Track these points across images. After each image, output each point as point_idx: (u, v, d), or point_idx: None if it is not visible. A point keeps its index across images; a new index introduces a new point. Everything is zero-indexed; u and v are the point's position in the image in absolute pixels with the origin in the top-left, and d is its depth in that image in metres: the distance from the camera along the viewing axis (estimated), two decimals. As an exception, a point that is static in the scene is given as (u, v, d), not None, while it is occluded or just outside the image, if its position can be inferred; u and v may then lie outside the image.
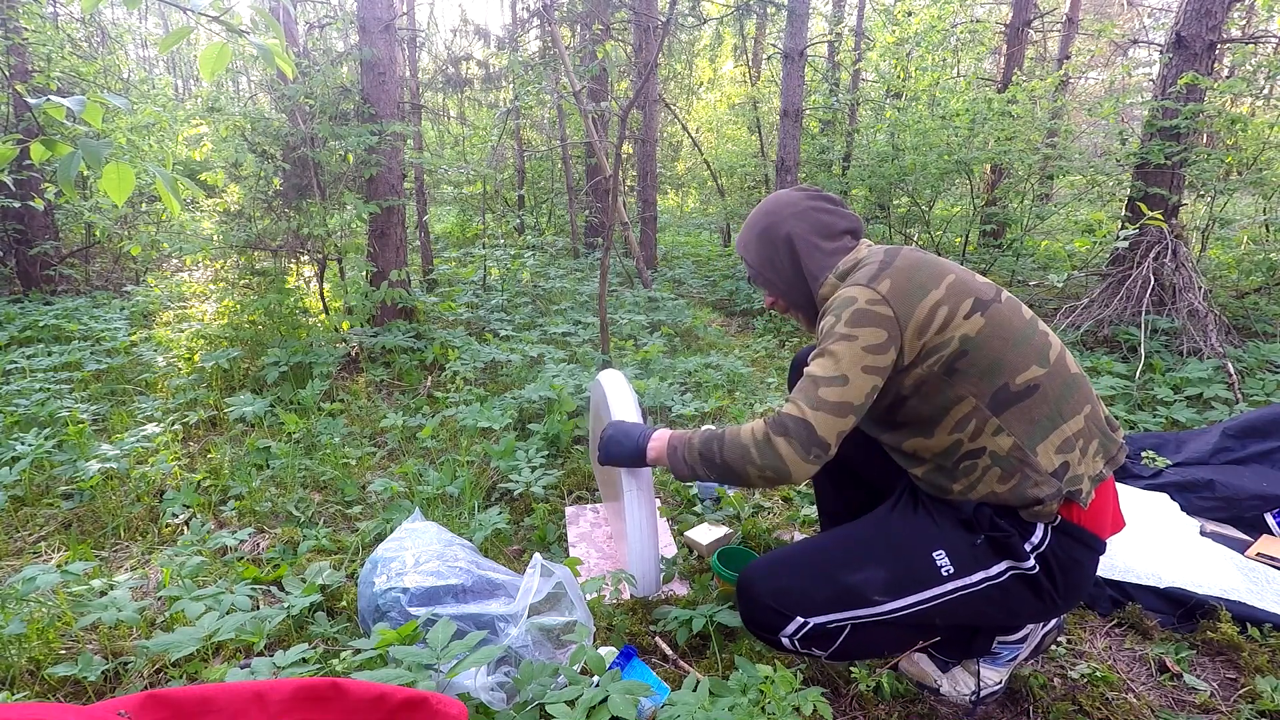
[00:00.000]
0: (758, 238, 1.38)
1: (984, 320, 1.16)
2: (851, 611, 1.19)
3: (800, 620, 1.20)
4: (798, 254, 1.33)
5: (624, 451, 1.45)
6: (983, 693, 1.36)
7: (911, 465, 1.26)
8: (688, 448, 1.30)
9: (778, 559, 1.28)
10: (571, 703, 1.13)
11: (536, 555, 1.46)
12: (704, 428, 1.37)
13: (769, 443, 1.17)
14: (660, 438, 1.40)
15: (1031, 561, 1.15)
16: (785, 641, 1.23)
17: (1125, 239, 3.75)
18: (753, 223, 1.40)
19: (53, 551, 1.97)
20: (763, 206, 1.39)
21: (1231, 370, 3.15)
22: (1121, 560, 1.77)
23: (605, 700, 1.12)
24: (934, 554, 1.17)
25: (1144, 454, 2.24)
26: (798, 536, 2.01)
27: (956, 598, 1.17)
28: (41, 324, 3.91)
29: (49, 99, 1.18)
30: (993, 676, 1.37)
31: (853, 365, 1.15)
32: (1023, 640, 1.36)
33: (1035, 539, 1.15)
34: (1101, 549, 1.19)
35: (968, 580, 1.17)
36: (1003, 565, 1.16)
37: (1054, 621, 1.41)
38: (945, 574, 1.16)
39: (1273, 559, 1.76)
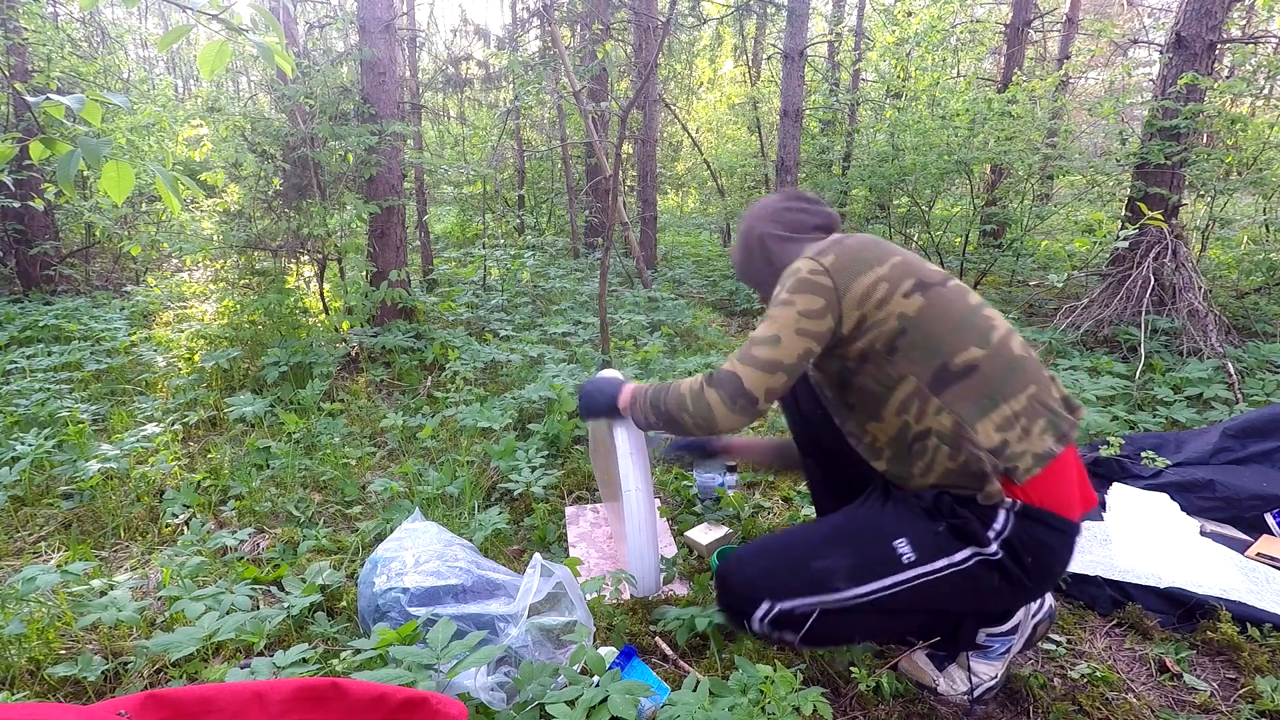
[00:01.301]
0: (739, 241, 1.53)
1: (924, 300, 1.23)
2: (816, 597, 1.23)
3: (768, 604, 1.24)
4: (770, 251, 1.44)
5: (600, 404, 1.57)
6: (978, 689, 1.36)
7: (875, 459, 1.31)
8: (643, 397, 1.44)
9: (753, 548, 1.35)
10: (571, 703, 1.13)
11: (536, 555, 1.46)
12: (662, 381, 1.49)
13: (702, 393, 1.30)
14: (628, 390, 1.53)
15: (994, 547, 1.17)
16: (756, 625, 1.26)
17: (1125, 239, 3.75)
18: (738, 230, 1.54)
19: (53, 551, 1.97)
20: (746, 215, 1.53)
21: (1231, 370, 3.15)
22: (1121, 560, 1.77)
23: (605, 700, 1.12)
24: (895, 542, 1.21)
25: (1144, 454, 2.24)
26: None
27: (921, 584, 1.19)
28: (41, 324, 3.91)
29: (48, 97, 1.18)
30: (986, 671, 1.36)
31: (786, 327, 1.24)
32: (1013, 631, 1.35)
33: (997, 525, 1.17)
34: (1070, 529, 1.20)
35: (931, 567, 1.19)
36: (967, 551, 1.18)
37: (1044, 611, 1.40)
38: (906, 561, 1.20)
39: (1273, 559, 1.76)
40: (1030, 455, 1.16)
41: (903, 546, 1.20)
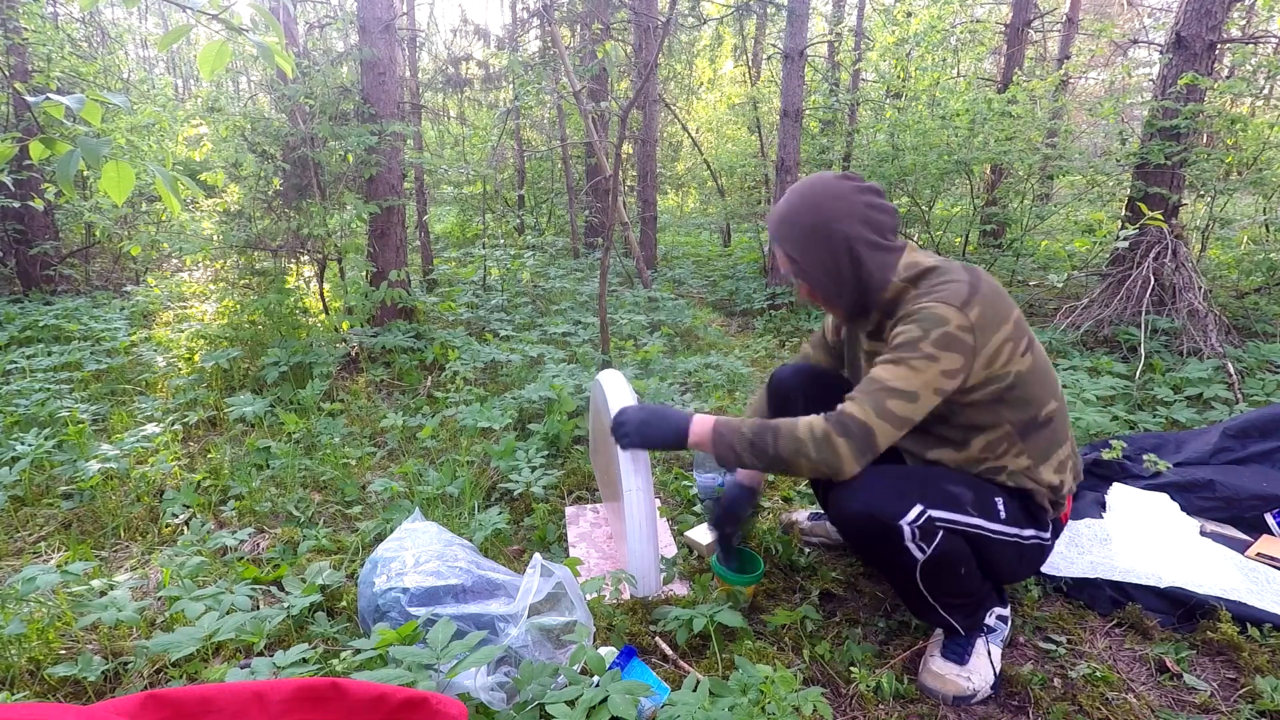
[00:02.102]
0: (808, 236, 1.33)
1: (1032, 358, 1.30)
2: (954, 514, 1.28)
3: (921, 508, 1.25)
4: (859, 260, 1.32)
5: (662, 434, 1.44)
6: (995, 675, 1.41)
7: (938, 448, 1.40)
8: (737, 435, 1.33)
9: (878, 472, 1.29)
10: (571, 703, 1.13)
11: (536, 555, 1.46)
12: (749, 418, 1.42)
13: (828, 440, 1.23)
14: (704, 422, 1.39)
15: (1049, 534, 1.38)
16: (906, 529, 1.24)
17: (1125, 239, 3.75)
18: (797, 216, 1.34)
19: (53, 551, 1.97)
20: (809, 198, 1.33)
21: (1231, 370, 3.15)
22: (1121, 560, 1.77)
23: (605, 700, 1.12)
24: (994, 498, 1.33)
25: (1146, 457, 2.23)
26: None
27: (1004, 540, 1.33)
28: (41, 324, 3.91)
29: (48, 97, 1.18)
30: (996, 655, 1.43)
31: (926, 386, 1.22)
32: (1008, 618, 1.50)
33: (1050, 520, 1.40)
34: (1060, 534, 1.46)
35: (1009, 530, 1.33)
36: (1031, 531, 1.36)
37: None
38: (1001, 516, 1.32)
39: (1273, 559, 1.76)
40: (1068, 492, 1.39)
41: (999, 503, 1.33)
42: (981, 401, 1.29)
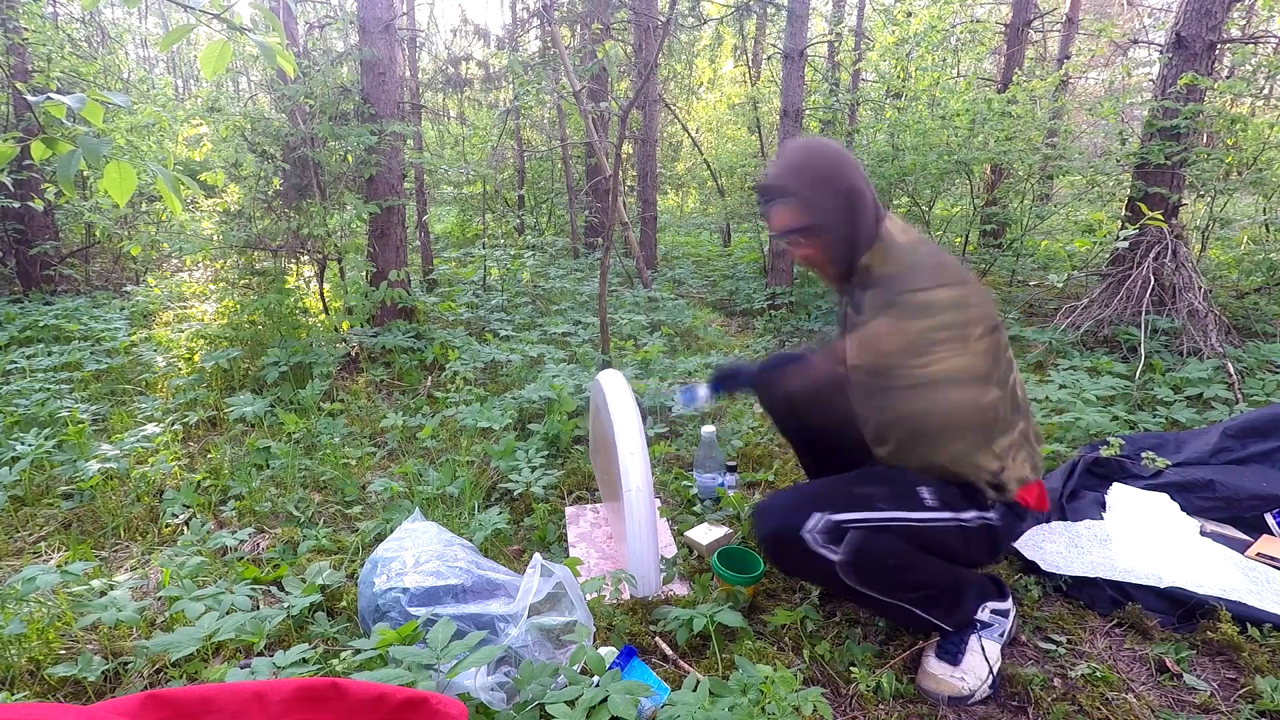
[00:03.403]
0: (819, 184, 1.38)
1: (986, 344, 1.33)
2: (861, 513, 1.31)
3: (819, 515, 1.30)
4: (856, 211, 1.39)
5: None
6: (993, 671, 1.40)
7: (878, 446, 1.44)
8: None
9: (790, 489, 1.43)
10: (571, 703, 1.13)
11: (536, 555, 1.46)
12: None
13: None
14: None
15: (995, 514, 1.38)
16: (807, 537, 1.29)
17: (1125, 239, 3.75)
18: (808, 166, 1.40)
19: (53, 551, 1.97)
20: (817, 152, 1.41)
21: (1231, 370, 3.15)
22: (1121, 560, 1.77)
23: (605, 700, 1.12)
24: (919, 488, 1.36)
25: (1144, 455, 2.23)
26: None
27: (937, 526, 1.35)
28: (41, 324, 3.91)
29: (49, 97, 1.18)
30: (993, 651, 1.42)
31: (983, 351, 1.33)
32: (1008, 612, 1.48)
33: (991, 499, 1.39)
34: (1025, 517, 1.46)
35: (944, 515, 1.35)
36: (973, 513, 1.37)
37: (1015, 606, 1.54)
38: (928, 504, 1.34)
39: (1273, 559, 1.76)
40: (1013, 479, 1.37)
41: (925, 492, 1.35)
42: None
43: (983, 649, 1.41)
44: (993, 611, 1.46)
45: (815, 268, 1.48)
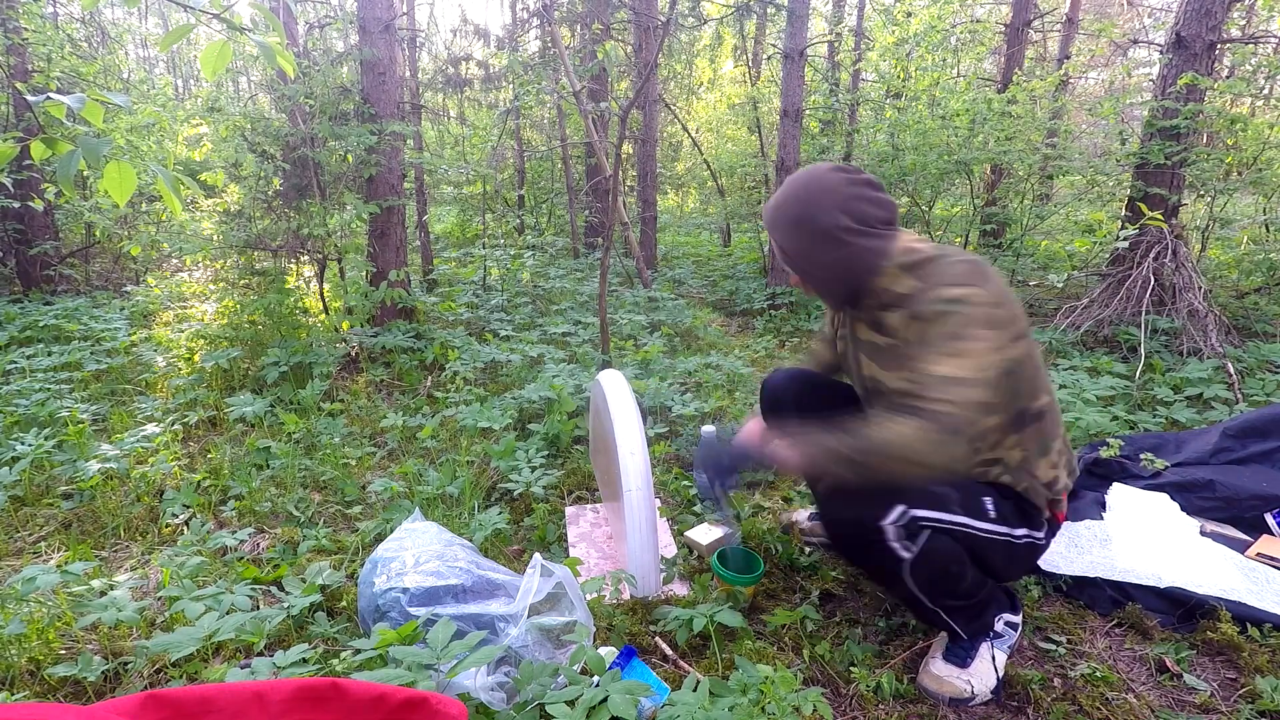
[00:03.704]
0: (793, 225, 1.32)
1: (1026, 347, 1.28)
2: (937, 513, 1.29)
3: (903, 508, 1.26)
4: (843, 246, 1.30)
5: (750, 464, 1.46)
6: (1000, 678, 1.40)
7: None
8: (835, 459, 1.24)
9: None
10: (571, 703, 1.13)
11: (536, 555, 1.46)
12: (842, 433, 1.25)
13: (944, 443, 1.17)
14: (786, 449, 1.31)
15: (1043, 534, 1.39)
16: (888, 529, 1.26)
17: (1125, 239, 3.75)
18: (785, 206, 1.34)
19: (53, 551, 1.97)
20: (797, 188, 1.32)
21: (1231, 370, 3.15)
22: (1121, 560, 1.77)
23: (605, 700, 1.12)
24: (983, 497, 1.34)
25: (1143, 456, 2.23)
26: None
27: (994, 538, 1.34)
28: (41, 324, 3.91)
29: (49, 96, 1.18)
30: (1001, 661, 1.42)
31: (989, 366, 1.20)
32: (1018, 625, 1.47)
33: (1044, 519, 1.40)
34: (1055, 536, 1.46)
35: (1000, 529, 1.35)
36: (1023, 530, 1.37)
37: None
38: (990, 515, 1.33)
39: (1273, 559, 1.76)
40: (1064, 488, 1.39)
41: (988, 503, 1.34)
42: None
43: (993, 658, 1.41)
44: (1006, 623, 1.46)
45: (810, 294, 1.46)
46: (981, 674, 1.38)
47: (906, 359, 1.27)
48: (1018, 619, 1.48)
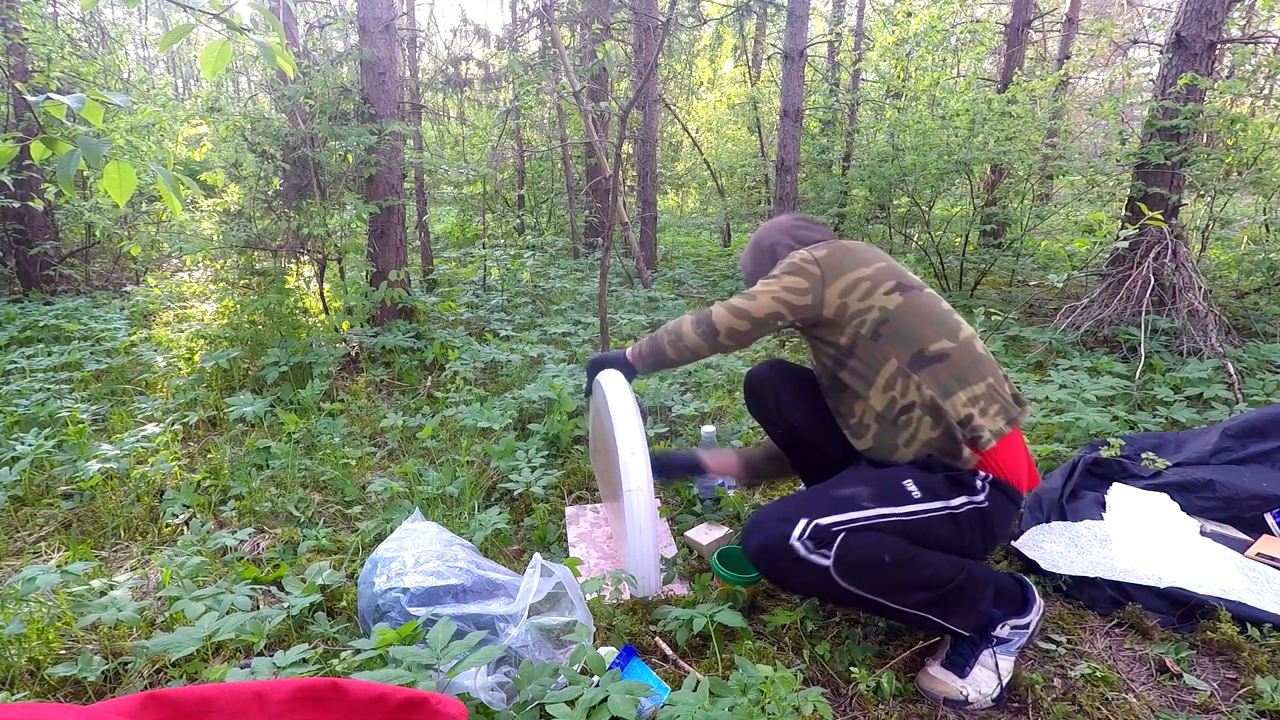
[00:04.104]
0: (750, 251, 1.78)
1: (903, 298, 1.47)
2: (847, 514, 1.33)
3: (805, 521, 1.31)
4: (777, 257, 1.67)
5: (607, 363, 1.82)
6: (1002, 687, 1.37)
7: (860, 438, 1.51)
8: (642, 344, 1.76)
9: (774, 503, 1.44)
10: (571, 703, 1.13)
11: (536, 555, 1.46)
12: (650, 336, 1.74)
13: (680, 322, 1.66)
14: (629, 351, 1.80)
15: (983, 496, 1.39)
16: (796, 546, 1.29)
17: (1125, 239, 3.75)
18: (750, 242, 1.80)
19: (53, 551, 1.97)
20: (758, 231, 1.79)
21: (1231, 370, 3.15)
22: (1121, 560, 1.77)
23: (605, 700, 1.12)
24: (903, 481, 1.39)
25: (1144, 455, 2.23)
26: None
27: (927, 517, 1.36)
28: (41, 324, 3.91)
29: (49, 96, 1.18)
30: (1005, 666, 1.40)
31: (765, 292, 1.53)
32: (1028, 625, 1.44)
33: (979, 483, 1.40)
34: (1019, 501, 1.46)
35: (933, 505, 1.37)
36: (961, 499, 1.38)
37: (1042, 608, 1.50)
38: (915, 496, 1.36)
39: (1273, 559, 1.76)
40: (988, 430, 1.39)
41: (910, 485, 1.38)
42: (861, 337, 1.46)
43: (996, 665, 1.39)
44: (1012, 627, 1.43)
45: None
46: (980, 681, 1.37)
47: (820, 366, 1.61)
48: (1027, 619, 1.44)
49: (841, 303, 1.48)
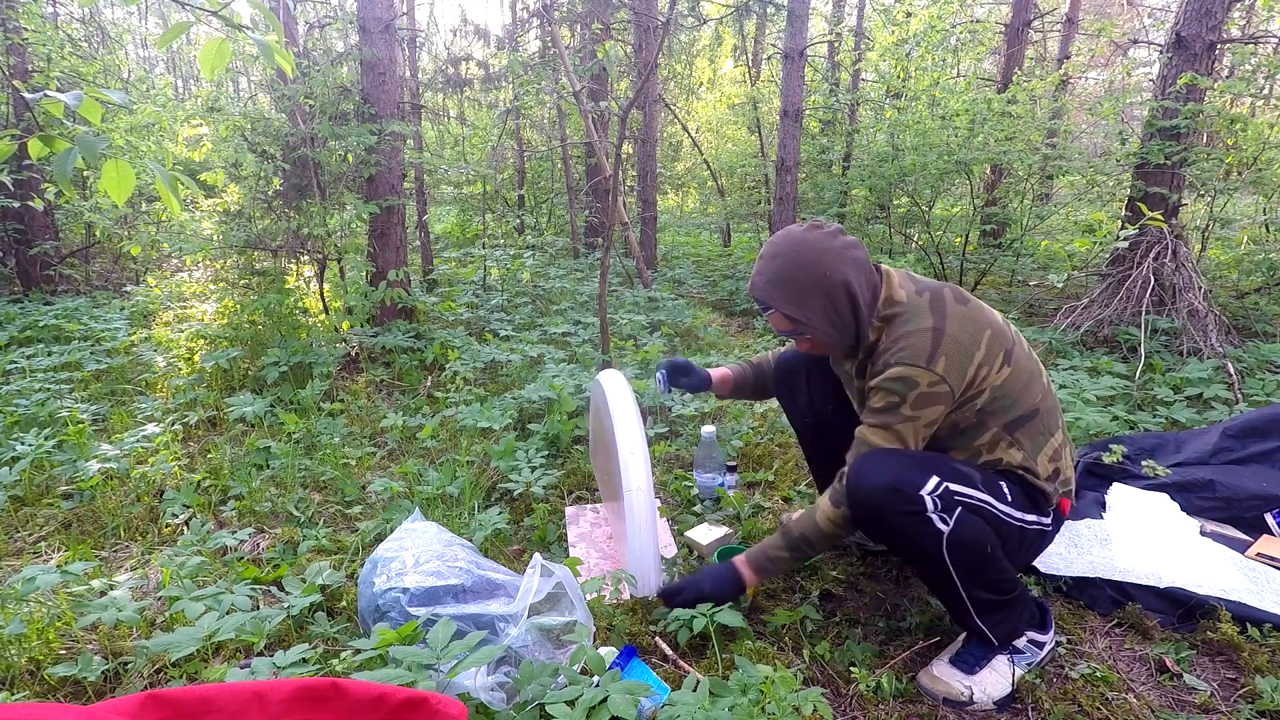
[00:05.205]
0: (807, 292, 1.38)
1: (1010, 369, 1.38)
2: (968, 489, 1.32)
3: (938, 479, 1.29)
4: (855, 301, 1.38)
5: (727, 595, 1.52)
6: (1006, 694, 1.37)
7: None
8: (782, 562, 1.49)
9: (879, 452, 1.37)
10: (571, 703, 1.13)
11: (536, 555, 1.46)
12: (779, 535, 1.49)
13: (848, 520, 1.39)
14: (746, 567, 1.51)
15: (1049, 520, 1.43)
16: (926, 499, 1.27)
17: (1125, 239, 3.75)
18: (792, 276, 1.38)
19: (53, 551, 1.97)
20: (796, 257, 1.37)
21: (1231, 370, 3.15)
22: (1121, 560, 1.77)
23: (605, 700, 1.12)
24: (999, 481, 1.39)
25: (1145, 464, 2.23)
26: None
27: (1009, 522, 1.37)
28: (41, 324, 3.91)
29: (46, 94, 1.18)
30: (1017, 673, 1.39)
31: (915, 437, 1.36)
32: (1044, 644, 1.44)
33: (1050, 509, 1.45)
34: (1059, 529, 1.51)
35: (1015, 513, 1.38)
36: (1034, 517, 1.41)
37: (1054, 640, 1.50)
38: (1007, 498, 1.37)
39: (1273, 559, 1.76)
40: (1065, 481, 1.44)
41: (1004, 487, 1.38)
42: (964, 418, 1.38)
43: (1012, 674, 1.38)
44: (1029, 640, 1.42)
45: (821, 352, 1.54)
46: (988, 684, 1.36)
47: (862, 407, 1.48)
48: (1045, 637, 1.44)
49: (962, 398, 1.36)
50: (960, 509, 1.29)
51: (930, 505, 1.27)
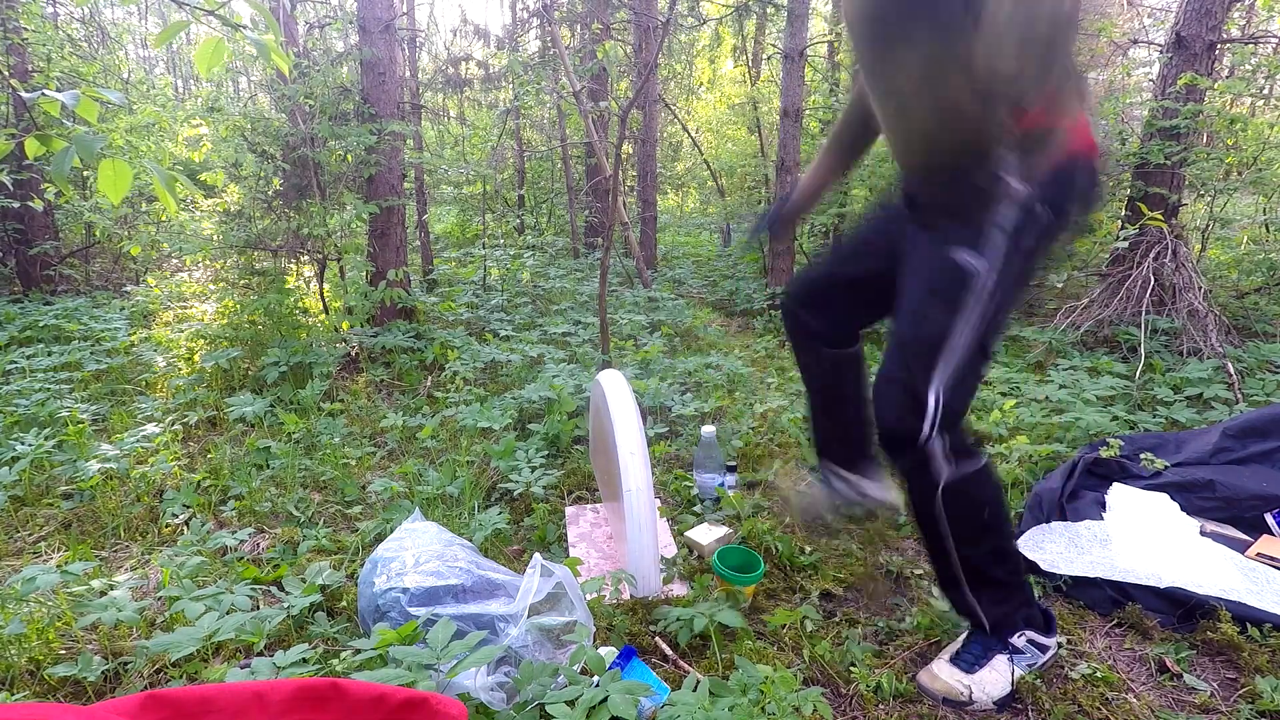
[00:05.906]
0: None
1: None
2: (946, 359, 1.18)
3: (931, 399, 1.20)
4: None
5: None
6: (1005, 694, 1.36)
7: (911, 158, 1.36)
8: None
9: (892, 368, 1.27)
10: (571, 703, 1.13)
11: (536, 555, 1.46)
12: None
13: None
14: None
15: (1037, 192, 1.13)
16: (932, 448, 1.23)
17: (1125, 239, 3.75)
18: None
19: (53, 551, 1.97)
20: None
21: (1231, 370, 3.15)
22: (1121, 560, 1.77)
23: (605, 700, 1.12)
24: (953, 255, 1.16)
25: (1143, 456, 2.23)
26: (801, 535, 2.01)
27: (991, 288, 1.16)
28: (41, 324, 3.91)
29: (43, 93, 1.18)
30: (1016, 673, 1.38)
31: None
32: (1047, 647, 1.42)
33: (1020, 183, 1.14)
34: (1096, 179, 1.20)
35: (985, 264, 1.15)
36: (1013, 210, 1.14)
37: (1057, 646, 1.47)
38: (974, 267, 1.15)
39: (1273, 559, 1.76)
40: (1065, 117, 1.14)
41: (964, 256, 1.16)
42: None
43: (1011, 674, 1.37)
44: (1029, 640, 1.40)
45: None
46: (988, 683, 1.35)
47: None
48: (1048, 641, 1.42)
49: None
50: (950, 387, 1.19)
51: (936, 449, 1.22)
